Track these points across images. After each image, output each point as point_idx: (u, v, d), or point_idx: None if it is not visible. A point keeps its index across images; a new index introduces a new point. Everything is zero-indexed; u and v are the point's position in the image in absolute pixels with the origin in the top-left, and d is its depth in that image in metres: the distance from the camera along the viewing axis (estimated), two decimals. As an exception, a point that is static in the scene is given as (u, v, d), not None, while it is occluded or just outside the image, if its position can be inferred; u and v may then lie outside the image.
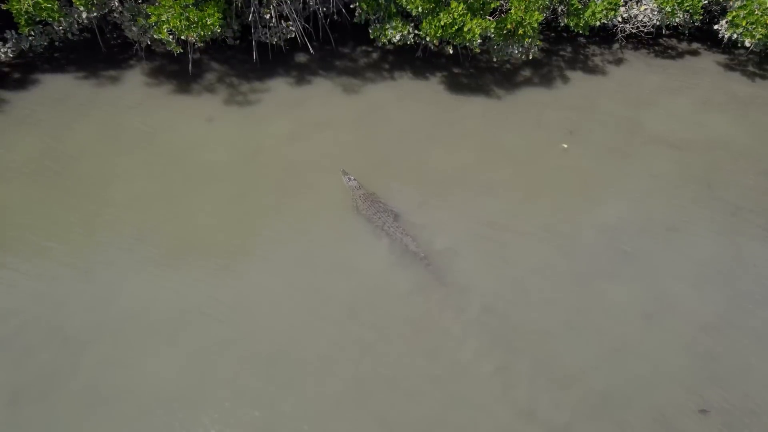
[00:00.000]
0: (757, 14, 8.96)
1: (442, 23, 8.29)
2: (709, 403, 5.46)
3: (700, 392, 5.54)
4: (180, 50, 8.53)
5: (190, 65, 9.24)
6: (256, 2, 8.78)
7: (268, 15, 8.89)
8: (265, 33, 9.13)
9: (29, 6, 7.73)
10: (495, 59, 9.60)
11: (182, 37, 8.09)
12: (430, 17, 8.39)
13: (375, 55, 10.23)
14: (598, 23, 9.28)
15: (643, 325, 6.11)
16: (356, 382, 5.50)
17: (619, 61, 10.56)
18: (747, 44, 9.34)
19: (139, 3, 8.48)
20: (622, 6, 9.60)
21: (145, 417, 5.16)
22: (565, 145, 8.50)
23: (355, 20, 9.14)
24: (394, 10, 8.76)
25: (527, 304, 6.25)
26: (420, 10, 8.31)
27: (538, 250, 6.84)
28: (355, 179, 7.38)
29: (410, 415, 5.29)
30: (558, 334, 5.99)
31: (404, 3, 8.30)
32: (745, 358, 5.84)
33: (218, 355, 5.65)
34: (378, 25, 8.87)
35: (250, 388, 5.41)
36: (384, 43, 9.06)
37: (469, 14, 8.33)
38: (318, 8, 9.37)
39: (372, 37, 9.00)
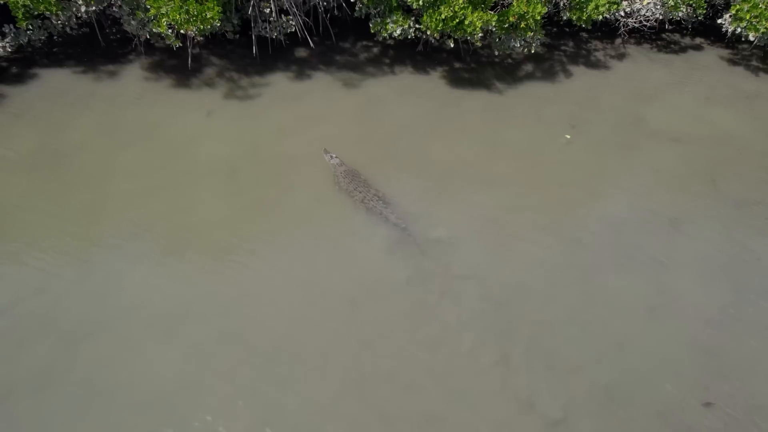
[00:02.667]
0: (761, 8, 8.87)
1: (442, 16, 8.22)
2: (713, 398, 5.39)
3: (704, 386, 5.46)
4: (179, 44, 8.47)
5: (189, 59, 9.19)
6: (256, -4, 8.74)
7: (268, 9, 8.84)
8: (265, 27, 9.07)
9: (27, -1, 7.68)
10: (496, 53, 9.53)
11: (181, 31, 8.03)
12: (431, 10, 8.32)
13: (375, 50, 10.17)
14: (600, 17, 9.21)
15: (647, 319, 6.04)
16: (356, 375, 5.44)
17: (621, 56, 10.48)
18: (751, 38, 9.25)
19: (138, -4, 8.43)
20: (625, 0, 9.53)
21: (142, 412, 5.10)
22: (568, 136, 8.43)
23: (355, 14, 9.09)
24: (395, 4, 8.70)
25: (529, 297, 6.19)
26: (420, 3, 8.25)
27: (540, 243, 6.77)
28: (336, 156, 7.48)
29: (410, 408, 5.22)
30: (560, 328, 5.92)
31: (405, -4, 8.26)
32: (750, 352, 5.76)
33: (217, 349, 5.59)
34: (378, 19, 8.81)
35: (249, 382, 5.34)
36: (384, 38, 9.00)
37: (470, 7, 8.25)
38: (318, 2, 9.31)
39: (372, 31, 8.94)
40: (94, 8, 8.35)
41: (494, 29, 8.68)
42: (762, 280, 6.46)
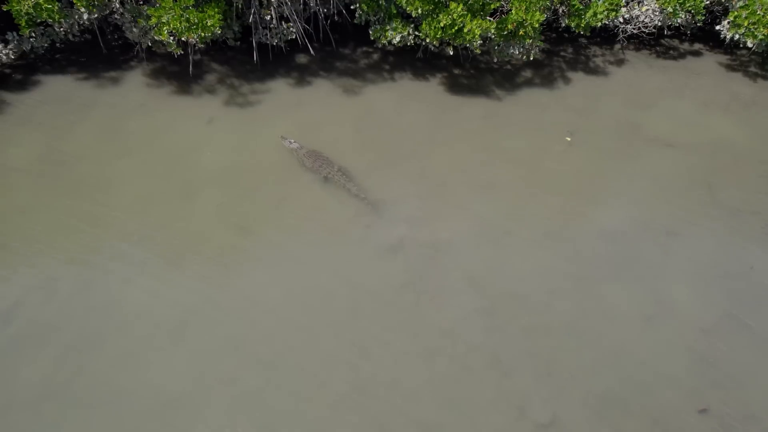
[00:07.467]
0: (759, 14, 8.91)
1: (441, 24, 8.27)
2: (708, 406, 5.43)
3: (699, 396, 5.51)
4: (180, 51, 8.54)
5: (190, 66, 9.25)
6: (257, 3, 8.79)
7: (269, 16, 8.90)
8: (266, 34, 9.13)
9: (29, 7, 7.74)
10: (495, 60, 9.58)
11: (183, 39, 8.10)
12: (430, 18, 8.37)
13: (375, 56, 10.22)
14: (599, 24, 9.24)
15: (643, 328, 6.09)
16: (355, 383, 5.50)
17: (620, 62, 10.52)
18: (749, 45, 9.28)
19: (139, 4, 8.49)
20: (624, 6, 9.57)
21: (144, 422, 5.16)
22: (569, 138, 8.47)
23: (355, 21, 9.14)
24: (395, 11, 8.75)
25: (526, 305, 6.24)
26: (420, 11, 8.30)
27: (538, 251, 6.83)
28: (295, 141, 7.90)
29: (408, 416, 5.28)
30: (557, 336, 5.97)
31: (404, 4, 8.30)
32: (746, 362, 5.81)
33: (218, 358, 5.65)
34: (378, 26, 8.86)
35: (250, 391, 5.41)
36: (384, 44, 9.04)
37: (469, 15, 8.30)
38: (318, 9, 9.37)
39: (372, 38, 8.99)
40: (96, 16, 8.42)
41: (493, 36, 8.73)
42: (758, 289, 6.51)
